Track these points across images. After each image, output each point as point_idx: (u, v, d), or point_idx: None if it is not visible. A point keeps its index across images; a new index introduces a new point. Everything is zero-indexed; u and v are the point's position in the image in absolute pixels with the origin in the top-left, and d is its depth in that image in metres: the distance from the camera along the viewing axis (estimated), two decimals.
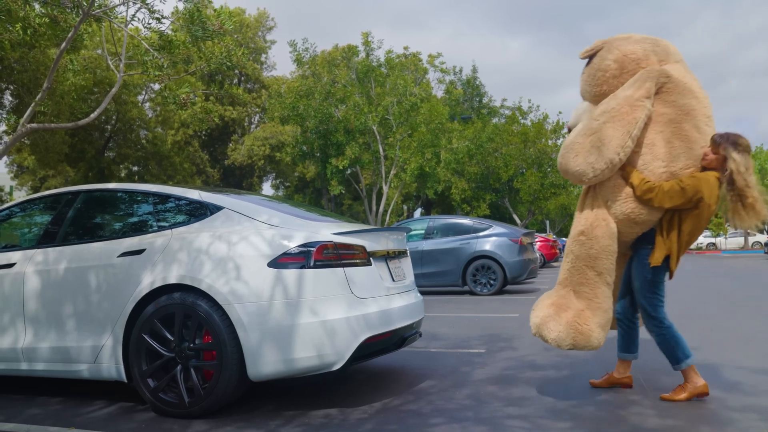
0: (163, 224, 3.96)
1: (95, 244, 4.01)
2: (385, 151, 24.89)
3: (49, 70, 6.77)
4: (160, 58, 7.26)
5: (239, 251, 3.60)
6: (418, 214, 40.95)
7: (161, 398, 3.62)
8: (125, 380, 3.75)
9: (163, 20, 7.16)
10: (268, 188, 43.93)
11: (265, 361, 3.46)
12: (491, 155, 30.36)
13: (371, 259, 3.89)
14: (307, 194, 39.16)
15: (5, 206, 4.64)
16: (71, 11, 6.63)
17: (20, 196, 30.57)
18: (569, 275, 3.82)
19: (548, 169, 30.72)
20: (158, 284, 3.65)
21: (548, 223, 45.56)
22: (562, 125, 30.62)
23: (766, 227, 50.92)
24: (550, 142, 31.13)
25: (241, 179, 37.60)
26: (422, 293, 4.86)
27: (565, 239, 29.53)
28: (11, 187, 29.84)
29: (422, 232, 12.10)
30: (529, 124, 33.09)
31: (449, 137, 25.55)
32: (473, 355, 5.37)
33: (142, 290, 3.69)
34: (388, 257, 4.16)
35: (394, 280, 4.13)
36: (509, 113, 36.96)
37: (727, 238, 43.77)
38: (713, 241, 43.53)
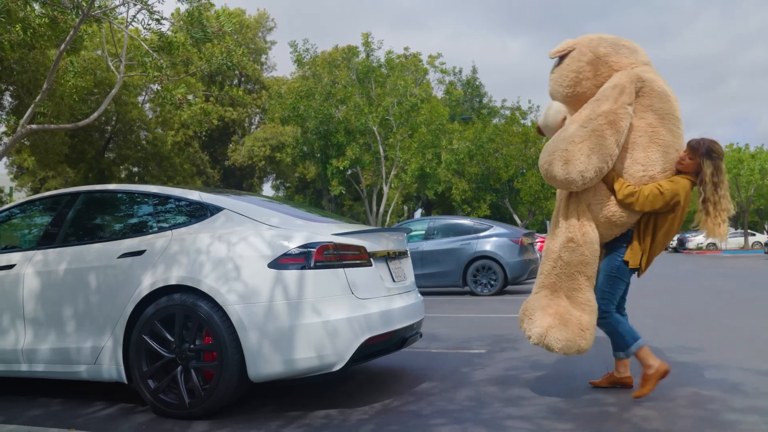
0: (163, 225, 3.96)
1: (95, 245, 4.00)
2: (385, 151, 24.88)
3: (48, 70, 6.76)
4: (159, 59, 7.26)
5: (240, 252, 3.60)
6: (418, 214, 40.94)
7: (161, 399, 3.61)
8: (125, 381, 3.74)
9: (162, 21, 7.15)
10: (268, 189, 43.96)
11: (265, 361, 3.45)
12: (492, 155, 30.34)
13: (372, 259, 3.89)
14: (307, 195, 39.17)
15: (5, 207, 4.63)
16: (71, 12, 6.63)
17: (20, 197, 30.57)
18: (558, 280, 3.84)
19: None
20: (158, 285, 3.65)
21: (549, 223, 45.58)
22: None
23: (766, 228, 50.83)
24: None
25: (241, 180, 37.61)
26: (423, 294, 4.86)
27: None
28: (11, 188, 29.86)
29: (423, 232, 12.10)
30: (529, 124, 33.07)
31: (450, 138, 25.54)
32: (474, 355, 5.36)
33: (142, 291, 3.68)
34: (388, 258, 4.16)
35: (394, 280, 4.13)
36: (509, 113, 36.94)
37: (727, 238, 43.73)
38: (713, 241, 43.44)
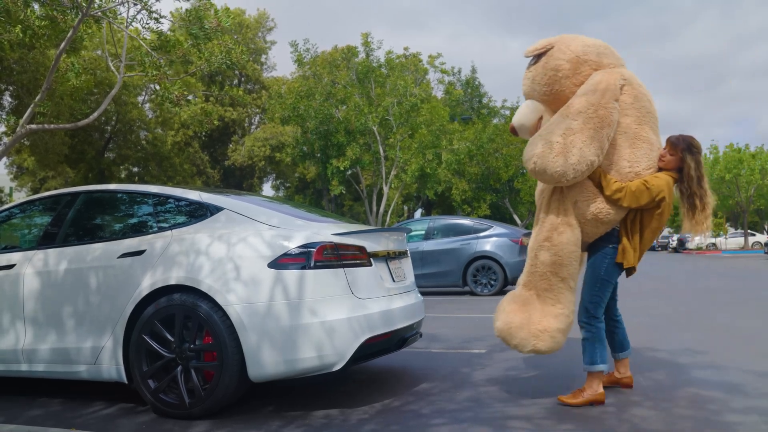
0: (163, 225, 3.95)
1: (95, 245, 4.00)
2: (385, 151, 24.88)
3: (48, 70, 6.74)
4: (159, 59, 7.25)
5: (239, 252, 3.60)
6: (418, 214, 40.94)
7: (162, 399, 3.61)
8: (125, 381, 3.74)
9: (161, 20, 7.15)
10: (268, 189, 43.97)
11: (265, 361, 3.45)
12: (492, 156, 30.34)
13: (372, 259, 3.89)
14: (307, 195, 39.17)
15: (5, 207, 4.63)
16: (71, 11, 6.62)
17: (20, 197, 30.57)
18: (532, 278, 3.82)
19: None
20: (158, 285, 3.65)
21: None
22: None
23: (766, 229, 50.84)
24: None
25: (241, 180, 37.62)
26: (423, 294, 4.86)
27: None
28: (11, 188, 29.87)
29: (423, 232, 12.10)
30: None
31: (450, 138, 25.54)
32: (474, 355, 5.36)
33: (142, 291, 3.68)
34: (388, 258, 4.16)
35: (394, 280, 4.13)
36: (509, 113, 36.95)
37: (727, 238, 43.71)
38: (713, 241, 43.43)
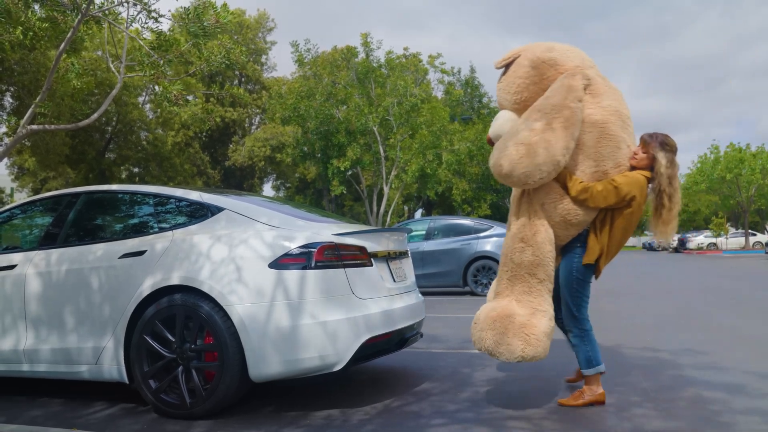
0: (164, 225, 3.96)
1: (96, 245, 4.01)
2: (385, 152, 24.88)
3: (49, 71, 6.75)
4: (159, 59, 7.25)
5: (240, 252, 3.60)
6: (418, 214, 40.94)
7: (163, 399, 3.62)
8: (127, 381, 3.75)
9: (160, 19, 7.14)
10: (268, 189, 44.01)
11: (266, 362, 3.45)
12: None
13: (372, 259, 3.89)
14: (308, 195, 39.18)
15: (6, 208, 4.64)
16: (71, 12, 6.62)
17: (21, 197, 30.59)
18: (510, 285, 3.72)
19: None
20: (159, 285, 3.65)
21: None
22: None
23: None
24: None
25: (241, 180, 37.63)
26: (423, 294, 4.86)
27: None
28: (12, 188, 29.89)
29: (423, 232, 12.10)
30: None
31: (450, 138, 25.54)
32: (474, 356, 5.36)
33: (143, 291, 3.68)
34: (389, 258, 4.16)
35: (395, 280, 4.13)
36: None
37: (728, 238, 43.67)
38: (714, 241, 43.40)
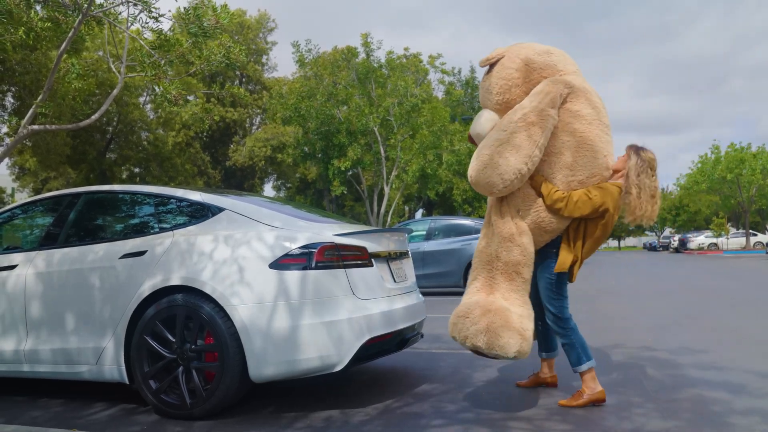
0: (164, 226, 3.96)
1: (97, 245, 4.01)
2: (386, 152, 24.88)
3: (50, 72, 6.75)
4: (160, 59, 7.25)
5: (241, 253, 3.60)
6: (419, 215, 40.94)
7: (163, 400, 3.62)
8: (127, 382, 3.75)
9: (161, 19, 7.14)
10: (269, 189, 44.00)
11: (267, 362, 3.45)
12: None
13: (373, 260, 3.89)
14: (308, 195, 39.17)
15: (7, 208, 4.64)
16: (72, 12, 6.63)
17: (22, 197, 30.61)
18: (494, 282, 3.73)
19: None
20: (160, 286, 3.65)
21: None
22: None
23: None
24: None
25: (242, 180, 37.63)
26: (424, 294, 4.86)
27: None
28: (13, 189, 29.91)
29: (424, 233, 12.09)
30: None
31: (450, 138, 25.54)
32: (475, 356, 5.35)
33: (143, 292, 3.68)
34: (389, 258, 4.16)
35: (395, 281, 4.13)
36: None
37: (728, 238, 43.64)
38: (715, 241, 43.34)
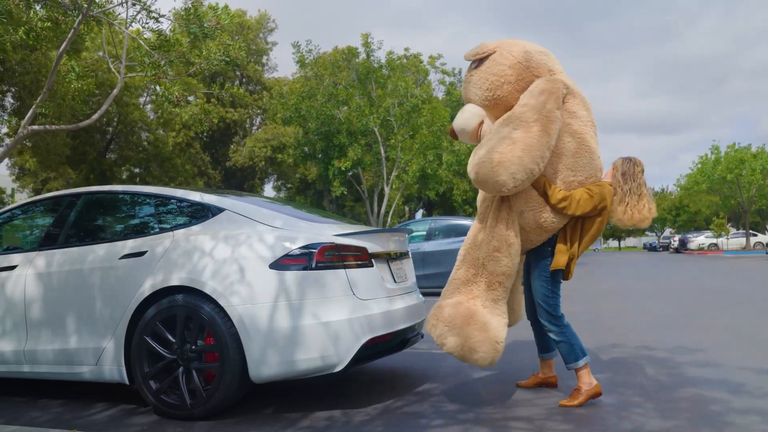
0: (164, 226, 3.96)
1: (97, 246, 4.01)
2: (386, 152, 24.89)
3: (50, 72, 6.75)
4: (160, 59, 7.25)
5: (241, 253, 3.60)
6: (419, 215, 40.95)
7: (163, 400, 3.62)
8: (127, 382, 3.75)
9: (161, 19, 7.14)
10: (269, 190, 43.98)
11: (267, 362, 3.46)
12: None
13: (373, 260, 3.89)
14: (308, 196, 39.17)
15: (7, 208, 4.64)
16: (72, 13, 6.63)
17: (22, 198, 30.61)
18: (475, 288, 3.72)
19: None
20: (160, 286, 3.65)
21: None
22: None
23: None
24: None
25: (242, 181, 37.63)
26: (424, 294, 4.86)
27: None
28: (13, 189, 29.90)
29: (424, 233, 12.09)
30: None
31: (451, 139, 25.53)
32: None
33: (143, 292, 3.68)
34: (389, 258, 4.16)
35: (395, 281, 4.13)
36: None
37: (728, 238, 43.61)
38: (715, 241, 43.32)
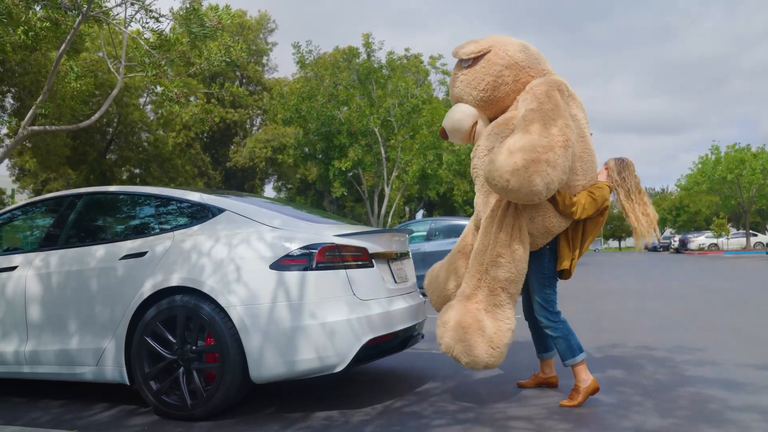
0: (165, 227, 3.96)
1: (97, 246, 4.01)
2: (386, 152, 24.88)
3: (50, 73, 6.75)
4: (161, 59, 7.24)
5: (241, 253, 3.60)
6: (419, 215, 40.96)
7: (164, 400, 3.62)
8: (128, 383, 3.75)
9: (161, 19, 7.13)
10: (269, 190, 43.97)
11: (267, 363, 3.46)
12: None
13: (373, 261, 3.89)
14: (309, 196, 39.17)
15: (7, 209, 4.64)
16: (72, 13, 6.63)
17: (22, 199, 30.62)
18: (478, 293, 3.71)
19: None
20: (160, 287, 3.66)
21: None
22: None
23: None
24: None
25: (242, 181, 37.64)
26: (424, 295, 4.87)
27: None
28: (13, 190, 29.92)
29: (424, 233, 12.09)
30: None
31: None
32: None
33: (144, 293, 3.69)
34: (390, 259, 4.16)
35: (396, 281, 4.13)
36: None
37: (729, 238, 43.58)
38: (715, 241, 43.28)
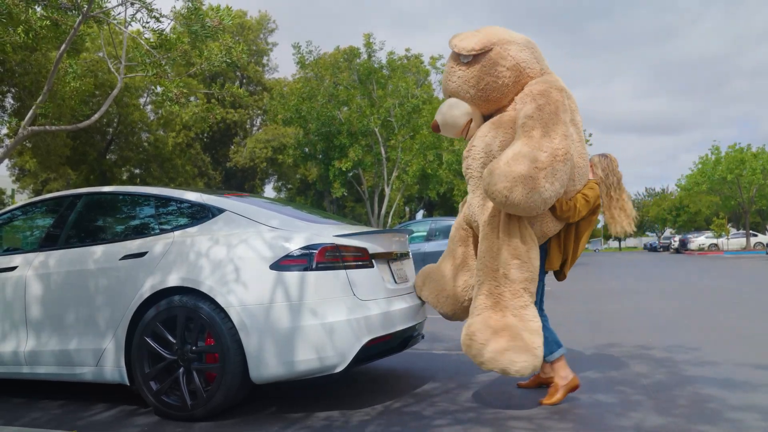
0: (165, 227, 3.96)
1: (97, 247, 4.01)
2: (387, 153, 24.89)
3: (50, 73, 6.75)
4: (161, 59, 7.24)
5: (241, 254, 3.60)
6: (420, 215, 40.97)
7: (164, 401, 3.62)
8: (128, 383, 3.75)
9: (161, 19, 7.12)
10: (270, 190, 43.97)
11: (267, 363, 3.46)
12: None
13: (373, 261, 3.89)
14: (309, 196, 39.16)
15: (7, 209, 4.64)
16: (72, 13, 6.62)
17: (22, 199, 30.62)
18: (502, 299, 3.63)
19: None
20: (160, 287, 3.65)
21: None
22: None
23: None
24: None
25: (243, 181, 37.64)
26: None
27: None
28: (13, 190, 29.91)
29: (424, 233, 12.10)
30: None
31: (451, 139, 25.53)
32: None
33: (144, 293, 3.69)
34: (390, 259, 4.16)
35: (396, 282, 4.13)
36: None
37: (729, 238, 43.57)
38: (715, 241, 43.27)
